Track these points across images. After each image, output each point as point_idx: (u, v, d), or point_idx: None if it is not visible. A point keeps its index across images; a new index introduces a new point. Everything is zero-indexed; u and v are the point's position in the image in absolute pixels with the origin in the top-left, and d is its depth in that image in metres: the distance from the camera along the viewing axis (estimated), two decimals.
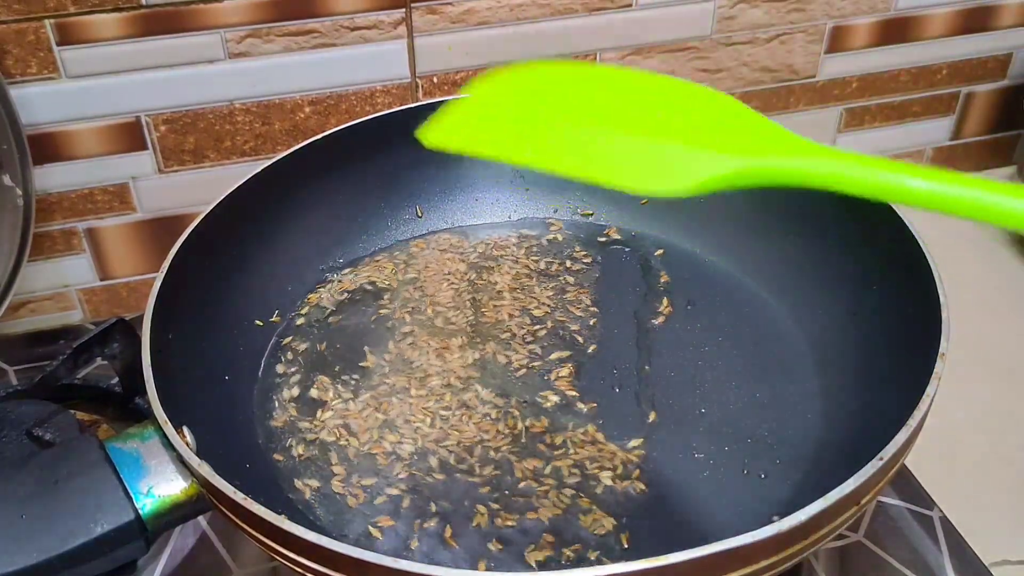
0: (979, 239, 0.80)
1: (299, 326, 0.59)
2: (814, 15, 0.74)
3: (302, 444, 0.51)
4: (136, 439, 0.43)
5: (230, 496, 0.39)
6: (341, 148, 0.62)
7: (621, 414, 0.52)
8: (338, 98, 0.68)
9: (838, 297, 0.55)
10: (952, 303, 0.45)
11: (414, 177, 0.66)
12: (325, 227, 0.63)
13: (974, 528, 0.54)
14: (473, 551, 0.45)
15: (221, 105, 0.66)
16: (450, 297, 0.60)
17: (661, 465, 0.49)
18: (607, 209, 0.66)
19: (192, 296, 0.52)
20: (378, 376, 0.55)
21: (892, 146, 0.84)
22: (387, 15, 0.65)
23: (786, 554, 0.37)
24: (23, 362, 0.68)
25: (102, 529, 0.41)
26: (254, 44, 0.64)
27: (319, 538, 0.36)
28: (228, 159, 0.68)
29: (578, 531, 0.46)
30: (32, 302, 0.70)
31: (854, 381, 0.51)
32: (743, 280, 0.60)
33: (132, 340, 0.54)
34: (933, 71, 0.80)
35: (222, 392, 0.52)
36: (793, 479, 0.48)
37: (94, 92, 0.63)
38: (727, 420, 0.51)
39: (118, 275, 0.71)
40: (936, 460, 0.59)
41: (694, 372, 0.54)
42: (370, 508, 0.48)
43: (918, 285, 0.48)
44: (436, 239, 0.65)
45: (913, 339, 0.47)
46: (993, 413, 0.63)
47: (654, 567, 0.34)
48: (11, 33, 0.60)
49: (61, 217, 0.67)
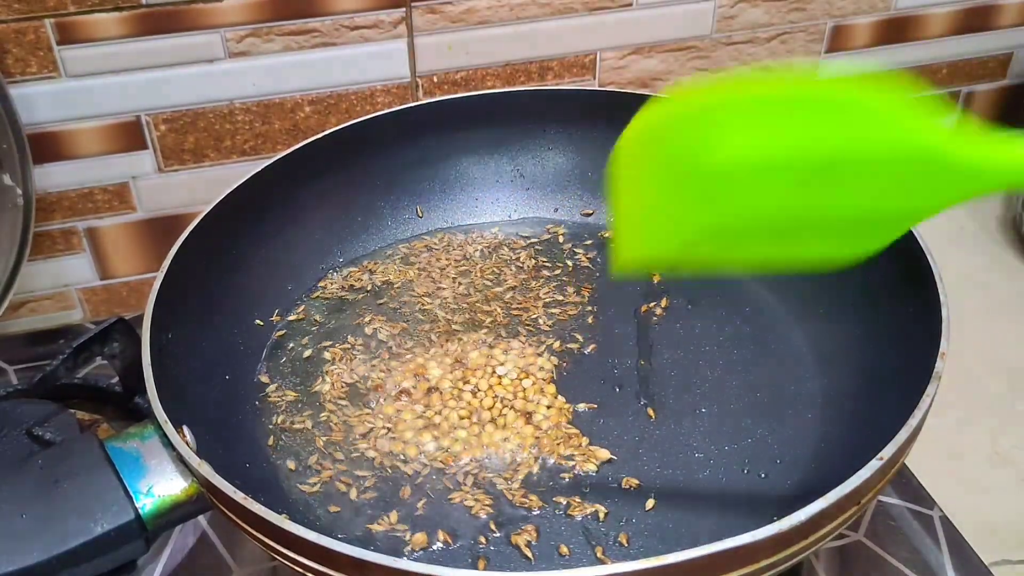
0: (979, 239, 0.80)
1: (299, 326, 0.58)
2: (814, 14, 0.74)
3: (302, 443, 0.51)
4: (136, 439, 0.43)
5: (230, 496, 0.39)
6: (341, 148, 0.62)
7: (621, 413, 0.52)
8: (338, 98, 0.68)
9: (838, 297, 0.55)
10: (952, 303, 0.45)
11: (414, 177, 0.66)
12: (325, 227, 0.63)
13: (974, 528, 0.54)
14: (473, 550, 0.45)
15: (221, 105, 0.66)
16: (450, 297, 0.60)
17: (661, 465, 0.49)
18: (607, 209, 0.66)
19: (192, 295, 0.52)
20: (379, 376, 0.55)
21: None
22: (387, 14, 0.65)
23: (786, 554, 0.37)
24: (23, 361, 0.68)
25: (102, 529, 0.41)
26: (254, 44, 0.64)
27: (319, 538, 0.36)
28: (228, 159, 0.68)
29: (572, 524, 0.46)
30: (32, 301, 0.70)
31: (854, 381, 0.51)
32: (743, 280, 0.60)
33: (132, 339, 0.54)
34: (933, 71, 0.80)
35: (222, 392, 0.52)
36: (793, 479, 0.48)
37: (94, 91, 0.63)
38: (727, 420, 0.51)
39: (118, 275, 0.71)
40: (936, 460, 0.59)
41: (694, 371, 0.54)
42: (370, 508, 0.48)
43: (918, 285, 0.48)
44: (436, 239, 0.65)
45: (913, 339, 0.47)
46: (993, 413, 0.63)
47: (654, 567, 0.34)
48: (11, 32, 0.60)
49: (61, 216, 0.67)
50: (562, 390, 0.53)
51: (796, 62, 0.73)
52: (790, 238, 0.35)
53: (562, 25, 0.69)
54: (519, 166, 0.67)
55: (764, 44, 0.74)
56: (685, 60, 0.73)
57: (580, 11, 0.69)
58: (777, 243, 0.35)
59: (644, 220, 0.37)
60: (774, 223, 0.34)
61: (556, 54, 0.71)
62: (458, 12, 0.67)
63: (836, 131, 0.32)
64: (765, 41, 0.74)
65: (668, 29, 0.72)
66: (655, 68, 0.73)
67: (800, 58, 0.76)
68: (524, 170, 0.67)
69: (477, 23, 0.68)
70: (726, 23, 0.73)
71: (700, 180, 0.34)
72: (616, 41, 0.71)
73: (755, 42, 0.74)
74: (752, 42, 0.74)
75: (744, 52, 0.74)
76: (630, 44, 0.72)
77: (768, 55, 0.75)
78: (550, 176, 0.67)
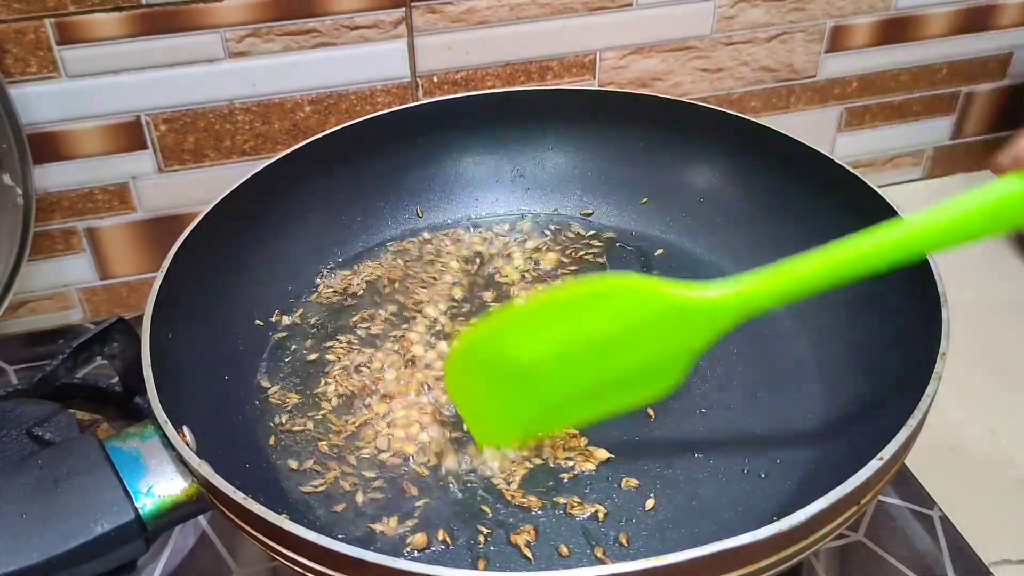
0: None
1: (299, 325, 0.58)
2: (814, 14, 0.74)
3: (302, 443, 0.51)
4: (136, 439, 0.43)
5: (230, 496, 0.39)
6: (341, 148, 0.62)
7: (621, 413, 0.52)
8: (338, 97, 0.68)
9: (838, 297, 0.55)
10: (952, 303, 0.45)
11: (414, 177, 0.66)
12: (325, 227, 0.63)
13: (974, 528, 0.54)
14: (473, 550, 0.45)
15: (221, 105, 0.66)
16: (450, 296, 0.60)
17: (661, 465, 0.49)
18: (607, 209, 0.66)
19: (192, 295, 0.52)
20: (379, 376, 0.55)
21: (892, 146, 0.84)
22: (387, 14, 0.65)
23: (786, 554, 0.37)
24: (23, 361, 0.68)
25: (102, 529, 0.41)
26: (254, 44, 0.64)
27: (319, 538, 0.36)
28: (228, 159, 0.68)
29: (571, 524, 0.46)
30: (32, 301, 0.70)
31: (854, 381, 0.51)
32: None
33: (132, 339, 0.54)
34: (933, 71, 0.80)
35: (222, 392, 0.52)
36: (793, 479, 0.48)
37: (94, 91, 0.63)
38: (727, 420, 0.51)
39: (118, 274, 0.71)
40: (936, 460, 0.59)
41: (694, 372, 0.54)
42: (370, 508, 0.48)
43: (918, 285, 0.48)
44: (436, 238, 0.65)
45: (913, 339, 0.47)
46: (993, 413, 0.63)
47: (654, 567, 0.34)
48: (11, 32, 0.60)
49: (61, 216, 0.67)
50: None
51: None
52: (604, 396, 0.44)
53: (562, 25, 0.69)
54: (519, 166, 0.67)
55: (764, 44, 0.74)
56: (685, 60, 0.73)
57: (580, 11, 0.69)
58: (596, 402, 0.45)
59: (488, 413, 0.47)
60: (585, 390, 0.44)
61: (556, 54, 0.71)
62: (458, 12, 0.67)
63: (599, 316, 0.42)
64: (765, 41, 0.74)
65: (668, 29, 0.72)
66: (655, 68, 0.73)
67: (800, 58, 0.76)
68: (524, 170, 0.67)
69: (477, 23, 0.68)
70: (726, 23, 0.73)
71: (516, 377, 0.44)
72: (616, 41, 0.71)
73: (755, 42, 0.74)
74: (752, 42, 0.74)
75: (744, 52, 0.74)
76: (630, 44, 0.72)
77: (768, 55, 0.75)
78: (550, 176, 0.67)
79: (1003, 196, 0.37)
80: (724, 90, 0.76)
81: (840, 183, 0.56)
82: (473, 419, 0.48)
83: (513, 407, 0.46)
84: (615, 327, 0.42)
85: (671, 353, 0.43)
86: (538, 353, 0.43)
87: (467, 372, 0.46)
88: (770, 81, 0.77)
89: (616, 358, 0.43)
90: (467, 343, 0.46)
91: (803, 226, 0.58)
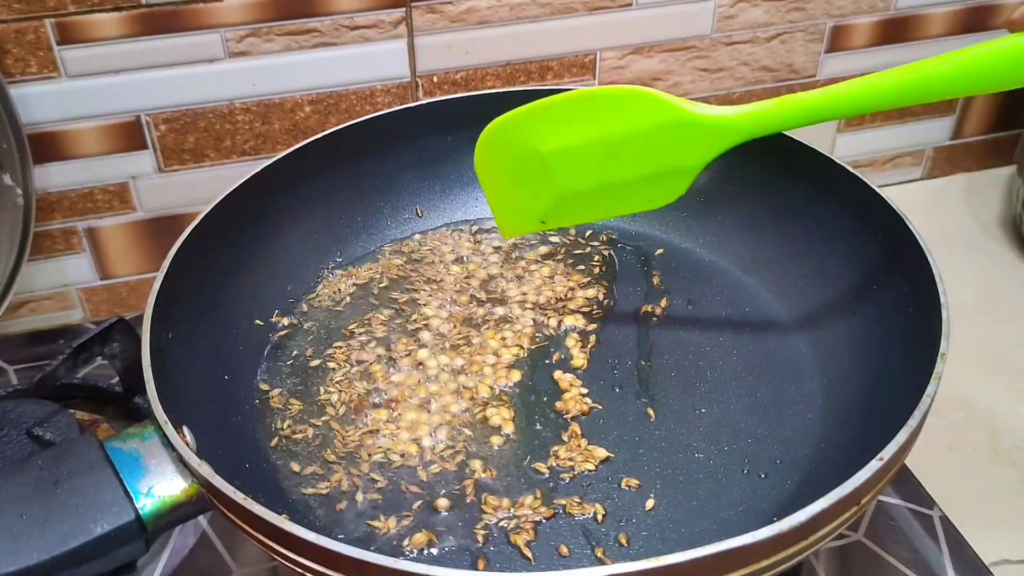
0: (979, 239, 0.80)
1: (299, 325, 0.58)
2: (814, 14, 0.74)
3: (302, 444, 0.51)
4: (136, 439, 0.43)
5: (230, 496, 0.39)
6: (341, 148, 0.62)
7: (621, 413, 0.52)
8: (338, 97, 0.68)
9: (838, 297, 0.55)
10: (952, 303, 0.45)
11: (414, 177, 0.66)
12: (325, 227, 0.63)
13: (974, 528, 0.54)
14: (472, 550, 0.45)
15: (221, 105, 0.66)
16: (450, 296, 0.60)
17: (661, 465, 0.49)
18: None
19: (192, 296, 0.52)
20: (379, 376, 0.55)
21: (892, 146, 0.84)
22: (387, 14, 0.65)
23: (786, 554, 0.37)
24: (23, 362, 0.68)
25: (102, 529, 0.41)
26: (254, 43, 0.64)
27: (319, 538, 0.36)
28: (228, 159, 0.68)
29: (572, 524, 0.46)
30: (32, 301, 0.70)
31: (854, 381, 0.51)
32: (743, 280, 0.60)
33: (132, 340, 0.54)
34: None
35: (222, 392, 0.52)
36: (793, 479, 0.48)
37: (94, 91, 0.63)
38: (727, 420, 0.51)
39: (118, 274, 0.71)
40: (936, 460, 0.59)
41: (694, 372, 0.54)
42: (370, 508, 0.48)
43: (918, 285, 0.48)
44: (436, 238, 0.65)
45: (913, 339, 0.47)
46: (993, 413, 0.63)
47: (654, 567, 0.34)
48: (11, 32, 0.60)
49: (61, 216, 0.67)
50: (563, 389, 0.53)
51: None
52: (613, 196, 0.51)
53: (562, 25, 0.69)
54: None
55: (764, 44, 0.74)
56: (685, 60, 0.73)
57: (580, 11, 0.69)
58: (606, 200, 0.51)
59: (510, 200, 0.54)
60: (597, 187, 0.51)
61: (556, 54, 0.70)
62: (458, 12, 0.67)
63: (615, 117, 0.48)
64: (765, 41, 0.74)
65: (668, 29, 0.72)
66: (655, 68, 0.73)
67: (800, 58, 0.76)
68: None
69: (477, 23, 0.68)
70: (726, 23, 0.72)
71: (537, 166, 0.51)
72: (616, 41, 0.71)
73: (755, 42, 0.74)
74: (752, 42, 0.74)
75: (744, 52, 0.74)
76: (630, 44, 0.72)
77: (768, 55, 0.75)
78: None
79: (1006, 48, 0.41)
80: (724, 90, 0.76)
81: (840, 183, 0.56)
82: (498, 207, 0.54)
83: (532, 196, 0.52)
84: (628, 129, 0.48)
85: (676, 164, 0.48)
86: (557, 144, 0.50)
87: (494, 159, 0.52)
88: (770, 81, 0.77)
89: (626, 160, 0.49)
90: (494, 131, 0.51)
91: (803, 226, 0.58)
